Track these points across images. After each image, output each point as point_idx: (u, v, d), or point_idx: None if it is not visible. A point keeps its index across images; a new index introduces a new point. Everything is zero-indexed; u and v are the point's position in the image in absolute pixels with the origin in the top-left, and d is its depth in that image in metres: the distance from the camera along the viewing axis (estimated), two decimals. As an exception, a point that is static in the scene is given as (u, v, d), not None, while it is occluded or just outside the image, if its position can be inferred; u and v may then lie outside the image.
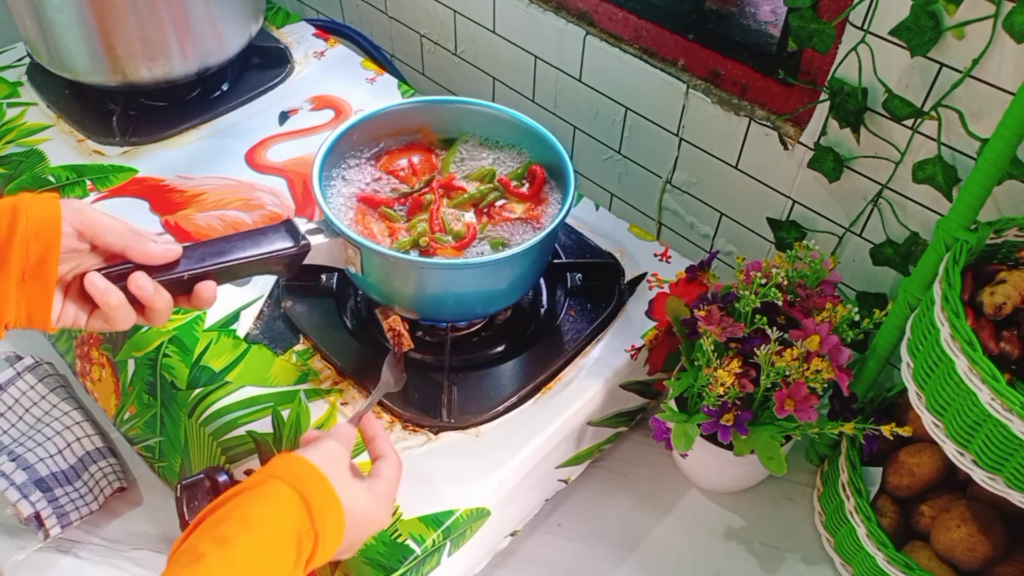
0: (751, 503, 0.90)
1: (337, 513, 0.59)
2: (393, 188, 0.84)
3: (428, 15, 1.26)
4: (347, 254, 0.74)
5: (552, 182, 0.85)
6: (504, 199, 0.84)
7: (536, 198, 0.84)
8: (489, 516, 0.74)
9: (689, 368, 0.80)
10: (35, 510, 0.83)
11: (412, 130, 0.89)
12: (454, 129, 0.89)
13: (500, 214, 0.82)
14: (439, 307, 0.81)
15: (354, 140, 0.86)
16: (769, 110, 0.92)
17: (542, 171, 0.85)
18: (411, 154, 0.89)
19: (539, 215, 0.82)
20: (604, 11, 1.02)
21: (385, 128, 0.87)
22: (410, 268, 0.76)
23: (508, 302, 0.84)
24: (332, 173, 0.84)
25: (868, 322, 0.76)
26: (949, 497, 0.80)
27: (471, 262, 0.76)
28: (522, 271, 0.79)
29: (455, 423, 0.76)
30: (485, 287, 0.78)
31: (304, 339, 0.83)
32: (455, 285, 0.78)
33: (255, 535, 0.54)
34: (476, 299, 0.80)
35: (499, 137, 0.89)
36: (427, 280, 0.77)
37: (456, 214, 0.82)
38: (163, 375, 0.83)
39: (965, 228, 0.68)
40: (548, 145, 0.84)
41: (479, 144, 0.89)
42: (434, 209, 0.81)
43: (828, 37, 0.79)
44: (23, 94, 1.11)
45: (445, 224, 0.80)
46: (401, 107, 0.88)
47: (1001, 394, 0.60)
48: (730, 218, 1.03)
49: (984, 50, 0.70)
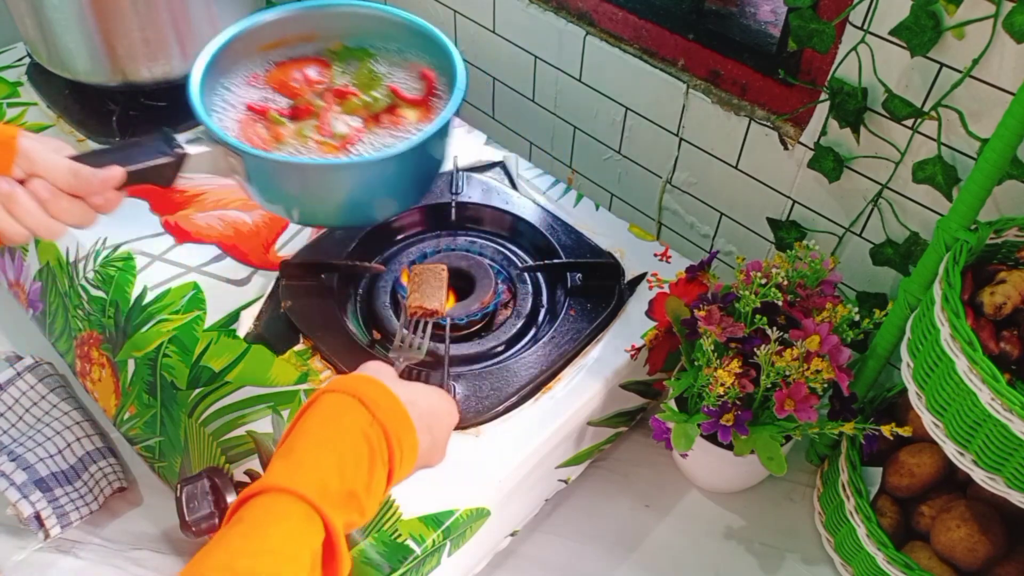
0: (751, 503, 0.90)
1: (396, 404, 0.59)
2: (288, 95, 0.84)
3: (428, 15, 1.26)
4: (229, 162, 0.74)
5: (444, 89, 0.83)
6: (395, 106, 0.83)
7: (427, 104, 0.83)
8: (489, 516, 0.74)
9: (689, 368, 0.80)
10: (35, 510, 0.83)
11: (302, 38, 0.88)
12: (349, 38, 0.88)
13: (393, 120, 0.82)
14: (325, 211, 0.80)
15: (240, 50, 0.84)
16: (769, 110, 0.92)
17: (433, 75, 0.84)
18: (306, 66, 0.87)
19: (432, 121, 0.79)
20: (604, 11, 1.02)
21: (273, 35, 0.86)
22: (288, 170, 0.75)
23: (401, 207, 0.84)
24: (222, 83, 0.83)
25: (868, 322, 0.76)
26: (949, 497, 0.80)
27: (345, 160, 0.76)
28: (407, 171, 0.78)
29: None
30: (370, 189, 0.78)
31: (304, 339, 0.83)
32: (337, 186, 0.77)
33: (316, 436, 0.55)
34: (363, 202, 0.79)
35: (393, 44, 0.88)
36: (308, 182, 0.76)
37: (346, 119, 0.81)
38: (163, 375, 0.83)
39: (965, 228, 0.68)
40: (439, 47, 0.83)
41: (374, 54, 0.88)
42: (323, 114, 0.80)
43: (828, 37, 0.79)
44: (23, 94, 1.11)
45: (332, 129, 0.80)
46: (285, 13, 0.86)
47: (1001, 394, 0.60)
48: (730, 218, 1.03)
49: (984, 50, 0.70)
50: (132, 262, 0.90)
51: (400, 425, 0.58)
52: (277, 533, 0.50)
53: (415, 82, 0.84)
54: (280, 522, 0.50)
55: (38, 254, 0.96)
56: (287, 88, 0.84)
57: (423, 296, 0.81)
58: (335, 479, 0.53)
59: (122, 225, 0.93)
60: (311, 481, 0.52)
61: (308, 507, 0.51)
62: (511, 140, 1.28)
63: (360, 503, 0.54)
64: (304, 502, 0.51)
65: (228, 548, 0.49)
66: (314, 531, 0.51)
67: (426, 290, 0.81)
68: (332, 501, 0.52)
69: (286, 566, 0.48)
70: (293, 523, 0.50)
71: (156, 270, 0.89)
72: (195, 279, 0.88)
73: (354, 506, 0.54)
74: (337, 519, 0.52)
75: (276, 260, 0.90)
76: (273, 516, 0.51)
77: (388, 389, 0.60)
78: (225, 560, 0.48)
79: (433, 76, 0.84)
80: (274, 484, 0.51)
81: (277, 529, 0.50)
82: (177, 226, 0.94)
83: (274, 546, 0.49)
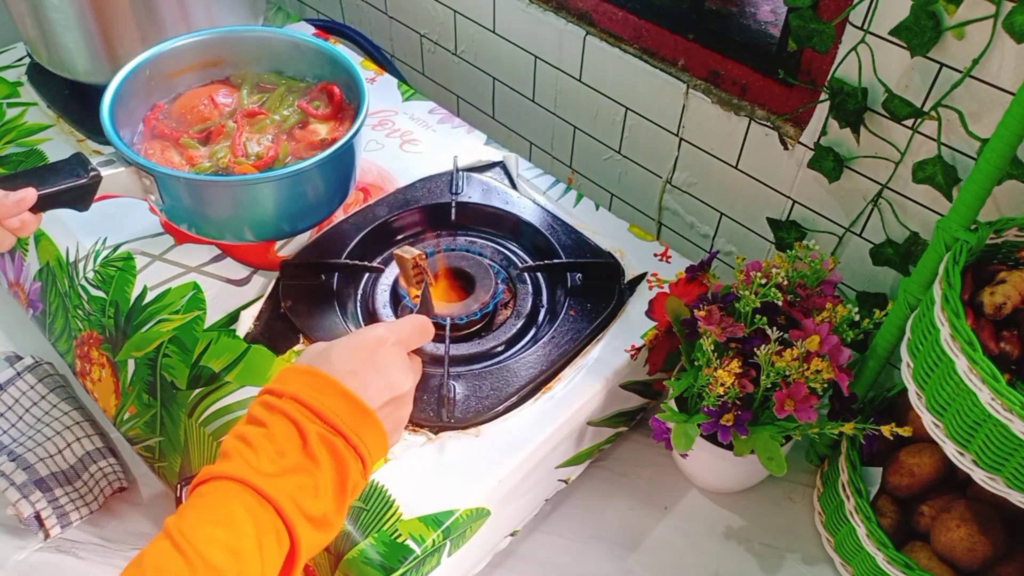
0: (751, 503, 0.90)
1: (354, 407, 0.58)
2: (196, 121, 0.87)
3: (428, 15, 1.26)
4: (143, 183, 0.76)
5: (351, 102, 0.87)
6: (306, 123, 0.87)
7: (337, 117, 0.86)
8: (489, 516, 0.74)
9: (689, 368, 0.80)
10: (35, 510, 0.83)
11: (209, 63, 0.92)
12: (255, 63, 0.93)
13: (305, 137, 0.83)
14: (240, 227, 0.83)
15: (148, 76, 0.87)
16: (769, 110, 0.92)
17: (339, 90, 0.87)
18: (214, 90, 0.91)
19: (343, 134, 0.82)
20: (604, 11, 1.02)
21: (182, 63, 0.90)
22: (203, 188, 0.76)
23: (313, 220, 0.86)
24: (133, 106, 0.86)
25: (868, 322, 0.76)
26: (949, 497, 0.80)
27: (257, 176, 0.78)
28: (323, 181, 0.81)
29: (455, 423, 0.76)
30: (284, 204, 0.80)
31: (304, 339, 0.83)
32: (253, 202, 0.79)
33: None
34: (278, 216, 0.81)
35: (296, 66, 0.92)
36: (223, 199, 0.78)
37: (259, 139, 0.83)
38: (163, 375, 0.83)
39: (965, 228, 0.68)
40: (340, 64, 0.87)
41: (280, 76, 0.93)
42: (236, 135, 0.82)
43: (828, 37, 0.79)
44: (23, 94, 1.11)
45: (247, 149, 0.81)
46: (192, 39, 0.90)
47: (1001, 394, 0.60)
48: (730, 218, 1.03)
49: (984, 50, 0.70)
50: (132, 262, 0.90)
51: (361, 425, 0.58)
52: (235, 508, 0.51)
53: (322, 98, 0.87)
54: (233, 499, 0.52)
55: (38, 254, 0.96)
56: (195, 113, 0.86)
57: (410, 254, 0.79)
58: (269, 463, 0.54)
59: (122, 225, 0.93)
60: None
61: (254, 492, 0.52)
62: (511, 140, 1.28)
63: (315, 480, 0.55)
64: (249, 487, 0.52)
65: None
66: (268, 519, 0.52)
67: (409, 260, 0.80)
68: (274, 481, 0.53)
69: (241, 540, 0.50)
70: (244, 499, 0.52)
71: (156, 270, 0.89)
72: (195, 279, 0.88)
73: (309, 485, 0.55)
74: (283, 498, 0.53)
75: (276, 260, 0.90)
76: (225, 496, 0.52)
77: (342, 390, 0.58)
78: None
79: (339, 91, 0.88)
80: (228, 473, 0.53)
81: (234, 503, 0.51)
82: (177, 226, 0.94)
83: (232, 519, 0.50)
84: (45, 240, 0.95)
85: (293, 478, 0.54)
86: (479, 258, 0.89)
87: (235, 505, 0.51)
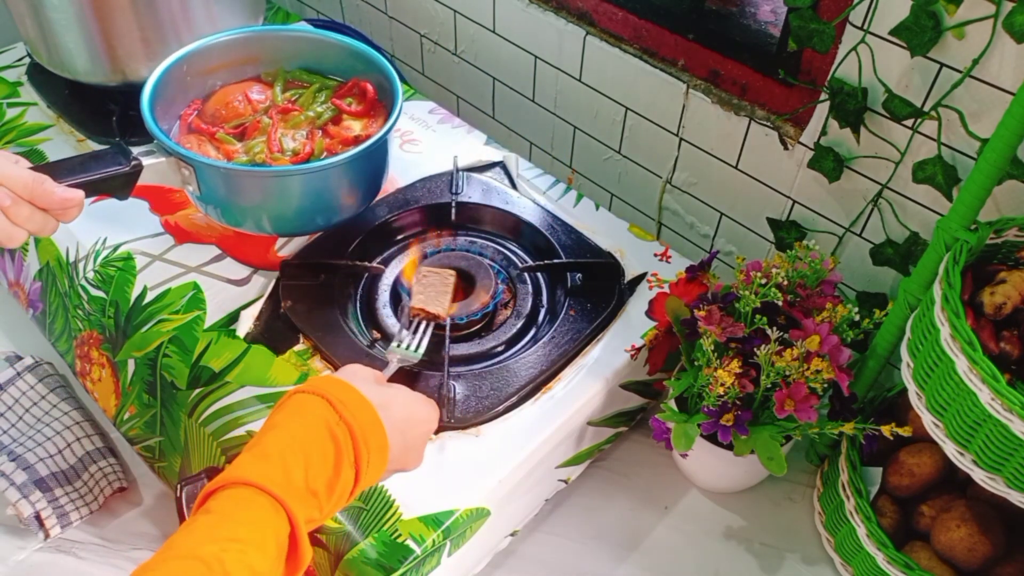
0: (751, 503, 0.90)
1: (365, 405, 0.59)
2: (232, 117, 0.89)
3: (428, 15, 1.26)
4: (182, 173, 0.79)
5: (383, 100, 0.89)
6: (339, 119, 0.88)
7: (370, 114, 0.88)
8: (489, 516, 0.74)
9: (689, 368, 0.80)
10: (35, 510, 0.83)
11: (243, 61, 0.94)
12: (287, 61, 0.95)
13: (339, 133, 0.85)
14: (278, 218, 0.85)
15: (184, 71, 0.89)
16: (769, 110, 0.92)
17: (372, 88, 0.89)
18: (247, 87, 0.92)
19: (376, 130, 0.85)
20: (604, 11, 1.02)
21: (217, 60, 0.92)
22: (242, 178, 0.79)
23: (346, 214, 0.88)
24: (169, 102, 0.88)
25: (868, 322, 0.76)
26: (949, 497, 0.80)
27: (296, 168, 0.80)
28: (354, 179, 0.83)
29: (455, 423, 0.76)
30: (319, 196, 0.82)
31: (304, 339, 0.83)
32: (288, 194, 0.81)
33: (283, 431, 0.56)
34: (313, 209, 0.83)
35: (329, 64, 0.94)
36: (262, 190, 0.80)
37: (293, 134, 0.85)
38: (163, 375, 0.83)
39: (965, 228, 0.68)
40: (374, 63, 0.89)
41: (310, 73, 0.95)
42: (271, 131, 0.84)
43: (828, 37, 0.79)
44: (23, 94, 1.11)
45: (282, 144, 0.83)
46: (228, 38, 0.92)
47: (1001, 394, 0.60)
48: (730, 218, 1.03)
49: (984, 50, 0.70)
50: (132, 262, 0.90)
51: (368, 426, 0.59)
52: (244, 521, 0.51)
53: (355, 95, 0.89)
54: (247, 511, 0.51)
55: (38, 254, 0.96)
56: (231, 109, 0.88)
57: (427, 299, 0.81)
58: (299, 474, 0.54)
59: (122, 225, 0.93)
60: (276, 475, 0.53)
61: (273, 499, 0.52)
62: (511, 140, 1.28)
63: (320, 501, 0.55)
64: (268, 495, 0.52)
65: (194, 535, 0.49)
66: (280, 522, 0.52)
67: (431, 293, 0.82)
68: (296, 495, 0.53)
69: (253, 554, 0.49)
70: (259, 513, 0.51)
71: (156, 270, 0.89)
72: (195, 279, 0.88)
73: (314, 503, 0.55)
74: (300, 513, 0.52)
75: (276, 260, 0.90)
76: (240, 506, 0.51)
77: (356, 390, 0.60)
78: (191, 547, 0.49)
79: (372, 88, 0.90)
80: (240, 477, 0.52)
81: (244, 517, 0.51)
82: (177, 226, 0.94)
83: (241, 534, 0.50)
84: (45, 240, 0.95)
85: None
86: (479, 258, 0.89)
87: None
